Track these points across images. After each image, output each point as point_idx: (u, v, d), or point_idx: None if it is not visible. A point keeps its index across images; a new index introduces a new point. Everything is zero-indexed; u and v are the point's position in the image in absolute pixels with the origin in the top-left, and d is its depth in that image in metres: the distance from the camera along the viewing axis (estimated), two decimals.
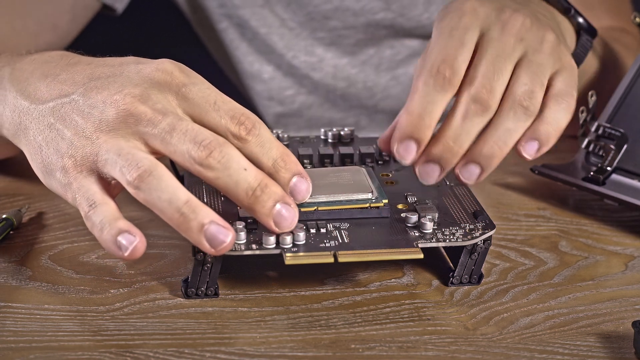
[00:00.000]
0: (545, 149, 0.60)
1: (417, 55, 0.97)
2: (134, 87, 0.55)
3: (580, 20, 0.71)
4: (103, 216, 0.53)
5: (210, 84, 0.56)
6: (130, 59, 0.58)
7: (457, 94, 0.58)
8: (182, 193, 0.52)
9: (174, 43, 1.26)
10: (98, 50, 0.63)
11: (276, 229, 0.54)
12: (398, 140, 0.58)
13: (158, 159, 0.54)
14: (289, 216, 0.54)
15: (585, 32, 0.72)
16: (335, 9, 0.95)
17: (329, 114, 1.01)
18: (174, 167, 0.68)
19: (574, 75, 0.61)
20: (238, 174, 0.53)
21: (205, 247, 0.52)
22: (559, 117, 0.60)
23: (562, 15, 0.71)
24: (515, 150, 0.60)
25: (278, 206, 0.53)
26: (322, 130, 0.69)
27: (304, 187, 0.55)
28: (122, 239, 0.52)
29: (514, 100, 0.58)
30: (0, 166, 0.74)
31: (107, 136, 0.54)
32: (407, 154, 0.58)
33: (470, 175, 0.59)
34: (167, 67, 0.56)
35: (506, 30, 0.60)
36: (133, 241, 0.52)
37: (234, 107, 0.55)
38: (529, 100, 0.58)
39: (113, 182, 0.55)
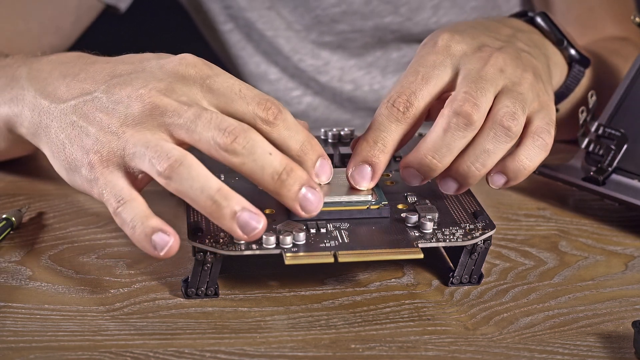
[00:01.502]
0: (512, 184, 0.60)
1: None
2: (158, 81, 0.55)
3: (573, 52, 0.72)
4: (134, 213, 0.53)
5: (232, 75, 0.57)
6: (150, 55, 0.59)
7: (442, 111, 0.58)
8: (213, 181, 0.52)
9: (178, 42, 1.25)
10: (101, 49, 0.63)
11: (303, 213, 0.54)
12: (353, 164, 0.59)
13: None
14: (315, 199, 0.54)
15: (578, 63, 0.72)
16: (344, 13, 0.95)
17: (335, 115, 1.01)
18: None
19: (551, 115, 0.61)
20: (263, 158, 0.53)
21: (238, 234, 0.52)
22: (532, 155, 0.60)
23: (554, 47, 0.71)
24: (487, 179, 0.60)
25: (304, 190, 0.53)
26: (322, 130, 0.69)
27: (327, 168, 0.56)
28: (157, 238, 0.52)
29: (495, 120, 0.58)
30: (0, 166, 0.74)
31: (133, 130, 0.54)
32: (361, 178, 0.59)
33: (448, 188, 0.60)
34: (190, 61, 0.56)
35: (487, 64, 0.60)
36: (168, 241, 0.52)
37: (259, 94, 0.56)
38: (511, 121, 0.58)
39: (140, 176, 0.55)
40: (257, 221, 0.52)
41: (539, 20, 0.71)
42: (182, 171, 0.52)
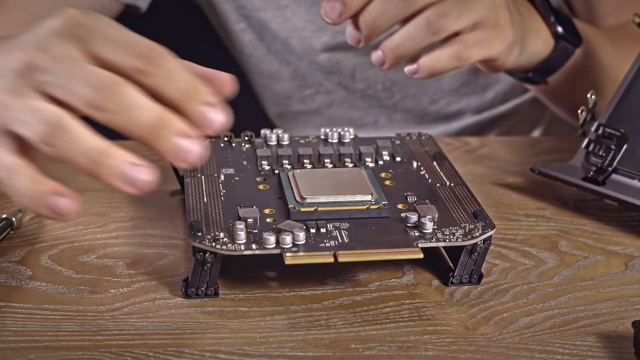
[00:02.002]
0: (419, 76, 0.66)
1: None
2: (34, 39, 0.52)
3: (559, 29, 0.74)
4: (24, 182, 0.50)
5: (117, 24, 0.52)
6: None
7: None
8: (95, 141, 0.49)
9: (194, 40, 1.25)
10: None
11: (182, 164, 0.50)
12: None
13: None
14: (191, 148, 0.49)
15: (564, 39, 0.75)
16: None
17: (348, 113, 1.01)
18: (174, 167, 0.68)
19: (492, 39, 0.67)
20: (133, 113, 0.49)
21: (129, 190, 0.49)
22: (442, 58, 0.65)
23: (540, 20, 0.74)
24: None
25: (179, 140, 0.49)
26: (322, 130, 0.69)
27: (214, 116, 0.51)
28: (52, 202, 0.49)
29: (426, 13, 0.64)
30: None
31: (9, 95, 0.50)
32: (331, 11, 0.64)
33: (376, 58, 0.66)
34: (69, 14, 0.52)
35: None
36: (64, 203, 0.49)
37: (139, 42, 0.51)
38: (438, 19, 0.63)
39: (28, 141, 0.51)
40: (146, 173, 0.49)
41: None
42: (62, 135, 0.49)
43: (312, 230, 0.56)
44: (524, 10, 0.73)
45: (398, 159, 0.67)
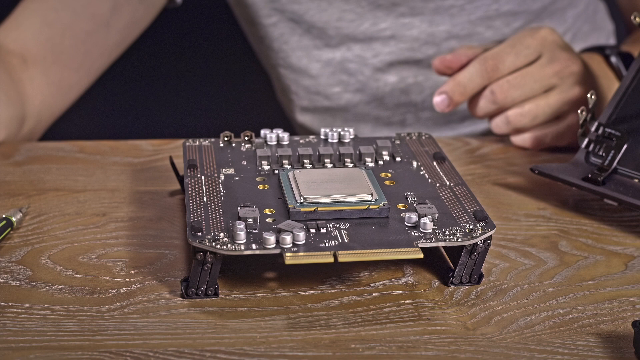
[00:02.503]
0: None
1: None
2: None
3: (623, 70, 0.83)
4: None
5: None
6: None
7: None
8: None
9: (219, 35, 1.25)
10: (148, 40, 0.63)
11: None
12: (438, 93, 0.78)
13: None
14: None
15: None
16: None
17: (375, 111, 1.01)
18: (174, 167, 0.68)
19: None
20: None
21: None
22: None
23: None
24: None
25: None
26: (322, 130, 0.69)
27: None
28: None
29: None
30: (0, 166, 0.74)
31: None
32: (439, 104, 0.78)
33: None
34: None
35: (560, 65, 0.78)
36: None
37: None
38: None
39: None
40: None
41: (613, 60, 0.84)
42: None
43: (312, 230, 0.56)
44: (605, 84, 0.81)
45: (398, 159, 0.67)
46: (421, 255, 0.55)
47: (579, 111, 0.71)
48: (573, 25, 1.02)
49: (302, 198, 0.58)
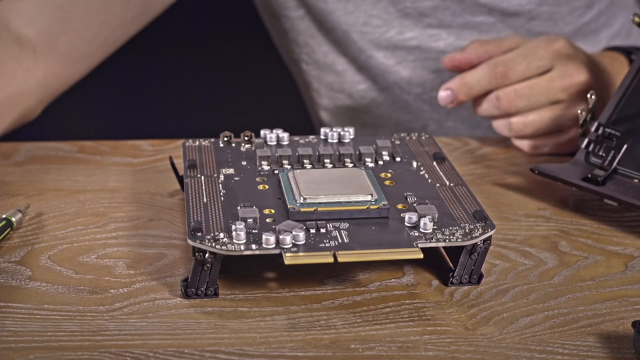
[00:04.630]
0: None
1: None
2: None
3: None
4: None
5: None
6: None
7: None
8: None
9: (234, 25, 1.25)
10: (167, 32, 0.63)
11: None
12: (444, 88, 0.78)
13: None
14: None
15: None
16: (435, 7, 0.94)
17: (397, 114, 1.00)
18: (174, 167, 0.68)
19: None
20: None
21: None
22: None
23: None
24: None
25: None
26: (322, 130, 0.69)
27: None
28: None
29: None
30: (0, 166, 0.74)
31: None
32: (443, 99, 0.78)
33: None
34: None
35: (569, 81, 0.77)
36: None
37: None
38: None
39: None
40: None
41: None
42: None
43: (312, 231, 0.56)
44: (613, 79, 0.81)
45: (398, 159, 0.67)
46: (421, 255, 0.55)
47: (579, 111, 0.71)
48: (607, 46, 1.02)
49: (302, 198, 0.58)
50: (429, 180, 0.64)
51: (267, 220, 0.57)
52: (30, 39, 0.82)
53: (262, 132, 0.69)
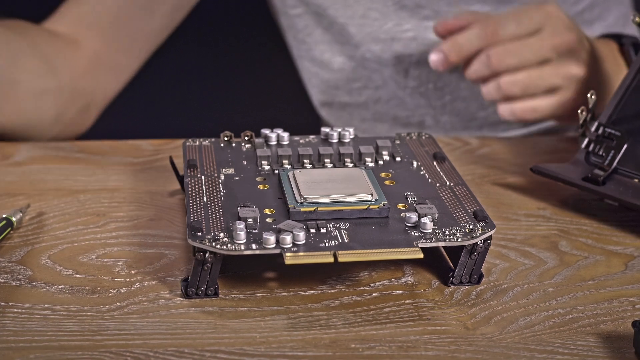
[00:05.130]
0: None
1: None
2: None
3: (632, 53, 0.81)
4: None
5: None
6: None
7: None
8: None
9: (244, 22, 1.25)
10: None
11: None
12: (435, 50, 0.78)
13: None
14: None
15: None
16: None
17: (394, 110, 1.01)
18: (174, 167, 0.68)
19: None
20: None
21: None
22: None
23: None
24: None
25: None
26: (322, 130, 0.69)
27: None
28: None
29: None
30: (0, 166, 0.74)
31: None
32: (435, 61, 0.78)
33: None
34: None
35: (558, 41, 0.78)
36: None
37: None
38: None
39: None
40: None
41: (625, 46, 0.83)
42: None
43: (312, 230, 0.56)
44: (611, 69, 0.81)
45: (398, 159, 0.67)
46: (421, 255, 0.55)
47: (579, 111, 0.71)
48: None
49: (302, 198, 0.58)
50: (429, 180, 0.64)
51: (267, 220, 0.57)
52: (80, 47, 0.86)
53: (262, 131, 0.69)
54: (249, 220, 0.56)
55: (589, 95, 0.71)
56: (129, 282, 0.59)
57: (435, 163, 0.66)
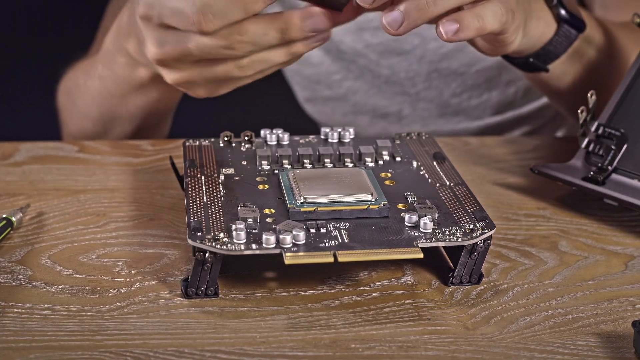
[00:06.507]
0: (461, 36, 0.62)
1: (461, 51, 0.98)
2: None
3: (562, 12, 0.73)
4: None
5: None
6: None
7: None
8: None
9: None
10: None
11: None
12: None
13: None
14: None
15: (567, 23, 0.73)
16: None
17: (373, 100, 1.02)
18: (174, 167, 0.68)
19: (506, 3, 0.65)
20: None
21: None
22: (485, 14, 0.62)
23: (543, 3, 0.73)
24: (436, 28, 0.62)
25: None
26: (322, 130, 0.69)
27: None
28: None
29: None
30: (0, 166, 0.74)
31: None
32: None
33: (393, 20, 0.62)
34: None
35: None
36: None
37: None
38: None
39: None
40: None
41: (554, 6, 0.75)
42: None
43: (312, 230, 0.56)
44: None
45: (398, 159, 0.67)
46: (421, 255, 0.55)
47: (579, 111, 0.71)
48: None
49: (302, 198, 0.59)
50: (429, 180, 0.64)
51: (267, 220, 0.57)
52: None
53: (262, 132, 0.69)
54: (249, 220, 0.56)
55: (589, 95, 0.71)
56: (129, 282, 0.59)
57: (435, 163, 0.66)
